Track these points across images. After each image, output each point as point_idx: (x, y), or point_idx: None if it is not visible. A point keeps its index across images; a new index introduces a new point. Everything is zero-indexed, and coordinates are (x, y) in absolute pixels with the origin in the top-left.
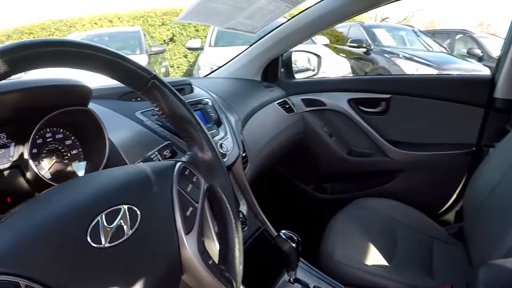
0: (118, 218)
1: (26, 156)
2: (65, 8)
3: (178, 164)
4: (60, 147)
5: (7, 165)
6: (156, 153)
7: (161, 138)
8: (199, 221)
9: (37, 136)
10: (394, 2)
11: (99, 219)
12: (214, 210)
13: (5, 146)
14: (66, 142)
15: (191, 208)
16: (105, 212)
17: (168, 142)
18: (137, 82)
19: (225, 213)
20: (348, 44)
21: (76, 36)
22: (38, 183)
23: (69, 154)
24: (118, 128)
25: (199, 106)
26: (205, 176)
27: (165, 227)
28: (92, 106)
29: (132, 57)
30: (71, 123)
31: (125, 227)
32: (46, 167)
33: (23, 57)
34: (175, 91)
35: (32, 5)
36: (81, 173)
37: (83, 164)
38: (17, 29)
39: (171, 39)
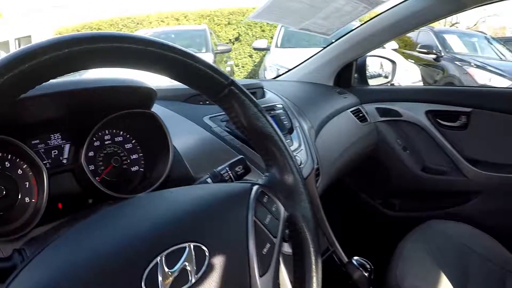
0: (181, 260)
1: (81, 159)
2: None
3: (255, 188)
4: (119, 151)
5: (60, 169)
6: (227, 168)
7: (230, 147)
8: (276, 260)
9: (94, 138)
10: (479, 6)
11: (158, 261)
12: (293, 247)
13: (59, 147)
14: (126, 145)
15: (268, 245)
16: (166, 252)
17: (241, 157)
18: (212, 88)
19: (305, 252)
20: (417, 49)
21: (143, 33)
22: (92, 189)
23: (128, 160)
24: (183, 133)
25: (272, 112)
26: (285, 204)
27: (237, 268)
28: (155, 108)
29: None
30: (132, 126)
31: (189, 270)
32: (102, 171)
33: (81, 53)
34: (254, 100)
35: (100, 2)
36: (139, 181)
37: (142, 171)
38: (86, 25)
39: (237, 39)
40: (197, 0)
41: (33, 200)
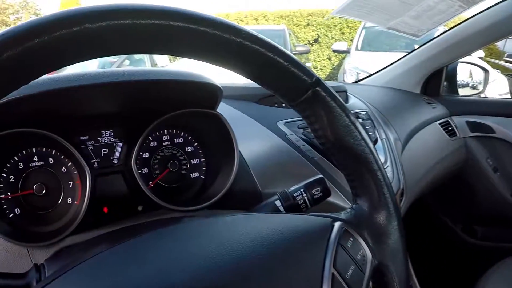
0: None
1: (131, 161)
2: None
3: (338, 226)
4: (178, 154)
5: (109, 170)
6: (302, 190)
7: (307, 160)
8: None
9: (150, 138)
10: None
11: None
12: None
13: (110, 146)
14: (186, 148)
15: None
16: None
17: (320, 176)
18: (292, 89)
19: None
20: (504, 59)
21: None
22: (142, 195)
23: (188, 164)
24: (253, 139)
25: None
26: (373, 248)
27: None
28: (222, 108)
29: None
30: (194, 127)
31: None
32: (157, 176)
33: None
34: (346, 107)
35: (178, 1)
36: (198, 190)
37: (203, 178)
38: None
39: (316, 40)
40: (277, 0)
41: (75, 202)
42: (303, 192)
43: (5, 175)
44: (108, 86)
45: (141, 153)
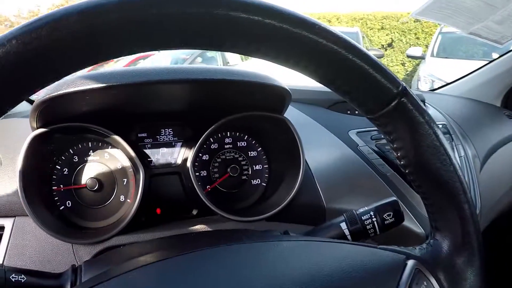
0: None
1: (188, 163)
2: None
3: (411, 264)
4: (240, 158)
5: (166, 170)
6: (372, 214)
7: (379, 176)
8: None
9: (211, 140)
10: None
11: None
12: None
13: (169, 145)
14: (249, 153)
15: None
16: None
17: (394, 199)
18: (373, 98)
19: None
20: None
21: None
22: (197, 199)
23: (250, 170)
24: (321, 148)
25: None
26: None
27: None
28: (291, 113)
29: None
30: (258, 131)
31: None
32: (216, 180)
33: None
34: (435, 124)
35: None
36: (258, 198)
37: (264, 186)
38: None
39: (390, 45)
40: (350, 2)
41: (128, 200)
42: (373, 216)
43: (59, 167)
44: (178, 84)
45: (200, 154)
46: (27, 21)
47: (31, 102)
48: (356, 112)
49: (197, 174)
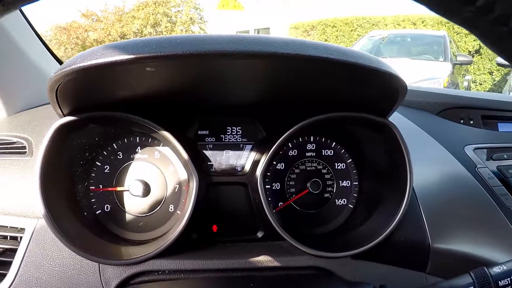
0: None
1: (258, 172)
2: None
3: None
4: (324, 171)
5: (228, 179)
6: (509, 280)
7: (500, 209)
8: None
9: (290, 145)
10: None
11: None
12: None
13: (236, 147)
14: (337, 165)
15: None
16: None
17: None
18: None
19: None
20: None
21: (377, 33)
22: (264, 220)
23: (334, 186)
24: (429, 166)
25: None
26: None
27: None
28: (395, 117)
29: (435, 65)
30: (351, 137)
31: None
32: (290, 196)
33: None
34: None
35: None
36: (342, 224)
37: (351, 208)
38: (322, 21)
39: (477, 51)
40: None
41: (178, 212)
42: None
43: (99, 164)
44: (262, 57)
45: (274, 163)
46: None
47: None
48: (471, 122)
49: (268, 187)
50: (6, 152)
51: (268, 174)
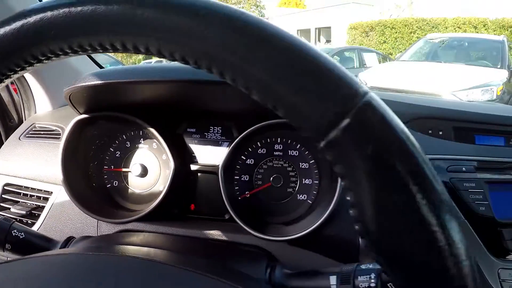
0: None
1: (219, 166)
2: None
3: None
4: (289, 168)
5: (204, 168)
6: (373, 275)
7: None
8: None
9: (259, 144)
10: None
11: None
12: None
13: (216, 143)
14: (301, 164)
15: None
16: None
17: None
18: (315, 115)
19: None
20: None
21: (433, 36)
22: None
23: (298, 183)
24: None
25: None
26: None
27: None
28: None
29: (491, 71)
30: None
31: None
32: (256, 187)
33: None
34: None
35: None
36: (299, 217)
37: (309, 204)
38: (381, 22)
39: None
40: (501, 7)
41: (159, 189)
42: (372, 279)
43: (112, 150)
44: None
45: (244, 158)
46: None
47: None
48: (440, 132)
49: (237, 177)
50: (47, 136)
51: (238, 167)
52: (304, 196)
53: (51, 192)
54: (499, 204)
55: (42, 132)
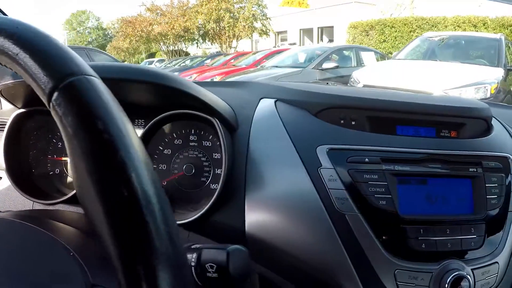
0: None
1: None
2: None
3: None
4: (203, 158)
5: None
6: (194, 256)
7: (329, 214)
8: None
9: (174, 135)
10: None
11: None
12: None
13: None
14: (214, 155)
15: None
16: None
17: (235, 247)
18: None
19: None
20: None
21: (434, 35)
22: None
23: (211, 173)
24: (271, 166)
25: None
26: None
27: None
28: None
29: (486, 70)
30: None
31: None
32: (169, 175)
33: None
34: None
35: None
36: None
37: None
38: (380, 21)
39: None
40: (500, 5)
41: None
42: (193, 260)
43: (55, 141)
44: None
45: (161, 148)
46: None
47: None
48: (353, 122)
49: (155, 166)
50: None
51: (156, 157)
52: (216, 185)
53: (1, 178)
54: (406, 199)
55: None
